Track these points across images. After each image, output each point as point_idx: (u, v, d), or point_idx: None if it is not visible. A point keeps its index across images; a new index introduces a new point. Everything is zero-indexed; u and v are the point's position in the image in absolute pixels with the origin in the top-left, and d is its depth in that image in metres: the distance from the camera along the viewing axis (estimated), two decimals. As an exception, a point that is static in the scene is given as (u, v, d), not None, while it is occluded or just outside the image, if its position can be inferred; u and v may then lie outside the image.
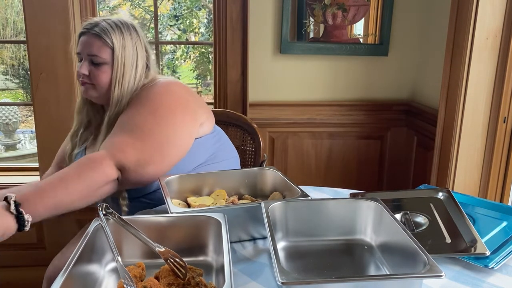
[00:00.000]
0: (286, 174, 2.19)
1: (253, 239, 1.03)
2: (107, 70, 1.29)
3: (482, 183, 1.74)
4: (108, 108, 1.31)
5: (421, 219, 1.07)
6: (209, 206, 1.06)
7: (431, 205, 1.12)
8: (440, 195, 1.17)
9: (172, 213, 0.93)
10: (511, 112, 1.67)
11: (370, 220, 0.99)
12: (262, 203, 0.96)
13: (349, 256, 0.96)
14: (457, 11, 1.67)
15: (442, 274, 0.72)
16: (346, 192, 1.34)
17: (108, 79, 1.29)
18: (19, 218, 0.93)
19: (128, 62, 1.30)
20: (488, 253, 0.91)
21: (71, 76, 1.98)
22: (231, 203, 1.10)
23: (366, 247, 0.98)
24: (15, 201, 0.94)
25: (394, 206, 1.12)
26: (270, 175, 1.21)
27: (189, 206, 1.11)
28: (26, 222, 0.94)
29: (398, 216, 1.07)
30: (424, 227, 1.04)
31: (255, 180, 1.22)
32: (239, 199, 1.17)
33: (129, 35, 1.31)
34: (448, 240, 0.98)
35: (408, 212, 1.09)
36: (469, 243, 0.95)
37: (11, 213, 0.92)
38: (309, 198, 1.01)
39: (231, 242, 0.90)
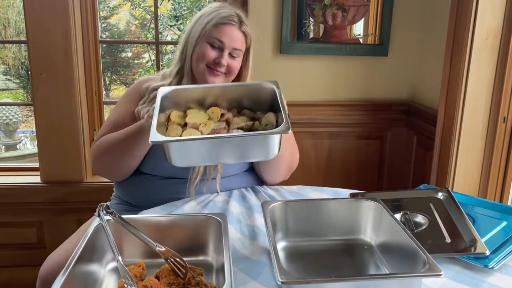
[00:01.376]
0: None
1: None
2: (240, 61, 1.39)
3: (482, 182, 1.74)
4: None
5: (421, 219, 1.07)
6: (199, 124, 1.05)
7: (431, 205, 1.12)
8: (440, 195, 1.17)
9: (151, 141, 0.89)
10: (511, 112, 1.67)
11: (370, 220, 0.99)
12: (262, 203, 0.96)
13: (349, 256, 0.97)
14: (457, 11, 1.67)
15: (441, 273, 0.72)
16: (346, 192, 1.34)
17: (238, 69, 1.40)
18: None
19: (251, 57, 1.44)
20: (487, 252, 0.91)
21: (71, 76, 1.98)
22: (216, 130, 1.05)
23: (366, 247, 0.98)
24: None
25: (394, 206, 1.13)
26: (270, 91, 1.16)
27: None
28: None
29: (398, 216, 1.07)
30: (424, 227, 1.04)
31: (256, 93, 1.17)
32: (238, 112, 1.14)
33: (254, 32, 1.41)
34: (448, 240, 0.98)
35: (408, 212, 1.09)
36: (469, 243, 0.95)
37: None
38: (308, 198, 1.01)
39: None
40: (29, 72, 2.02)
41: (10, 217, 2.09)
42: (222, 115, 1.11)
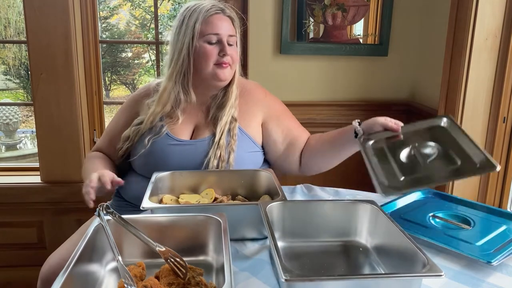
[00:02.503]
0: (286, 174, 2.19)
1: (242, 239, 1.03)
2: (236, 49, 1.36)
3: (482, 183, 1.74)
4: (203, 89, 1.38)
5: (430, 149, 1.10)
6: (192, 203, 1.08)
7: (437, 133, 1.17)
8: (443, 122, 1.20)
9: (143, 207, 0.97)
10: (511, 112, 1.67)
11: (365, 222, 0.99)
12: (260, 204, 0.96)
13: (344, 257, 0.97)
14: (456, 11, 1.67)
15: (442, 274, 0.72)
16: (346, 192, 1.34)
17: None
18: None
19: (239, 37, 1.38)
20: (498, 167, 0.96)
21: (71, 76, 1.98)
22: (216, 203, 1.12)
23: (361, 249, 0.98)
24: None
25: (401, 142, 1.18)
26: (265, 177, 1.22)
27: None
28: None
29: (407, 150, 1.11)
30: (434, 156, 1.08)
31: (251, 181, 1.22)
32: (233, 199, 1.17)
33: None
34: (459, 162, 1.02)
35: (417, 145, 1.12)
36: (479, 163, 0.99)
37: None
38: (306, 200, 1.01)
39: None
40: (29, 72, 2.01)
41: (10, 217, 2.09)
42: (216, 198, 1.15)
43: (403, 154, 1.10)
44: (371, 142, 1.21)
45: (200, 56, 1.30)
